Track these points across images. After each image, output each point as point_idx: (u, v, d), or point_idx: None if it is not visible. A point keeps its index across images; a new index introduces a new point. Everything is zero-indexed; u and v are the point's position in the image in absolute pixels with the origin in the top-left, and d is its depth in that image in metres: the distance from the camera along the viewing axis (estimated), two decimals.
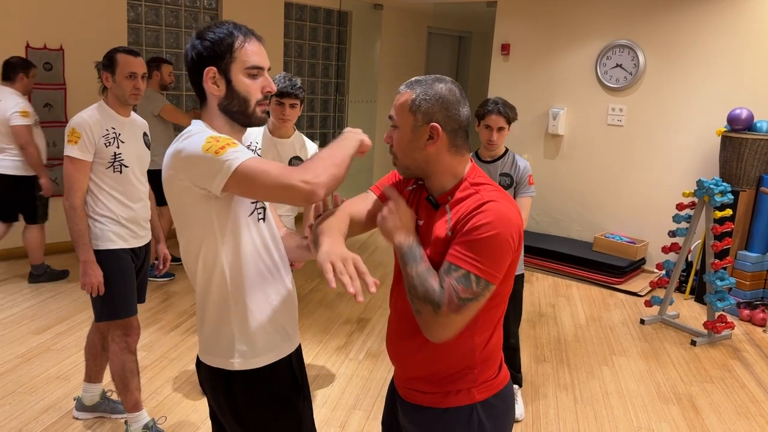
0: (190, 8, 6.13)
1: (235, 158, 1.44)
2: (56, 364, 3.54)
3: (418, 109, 1.49)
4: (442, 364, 1.54)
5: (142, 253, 2.86)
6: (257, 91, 1.58)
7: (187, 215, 1.55)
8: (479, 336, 1.53)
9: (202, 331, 1.65)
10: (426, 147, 1.50)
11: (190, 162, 1.47)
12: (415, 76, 1.56)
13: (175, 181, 1.51)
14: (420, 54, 8.32)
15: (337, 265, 1.37)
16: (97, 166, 2.64)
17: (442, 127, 1.49)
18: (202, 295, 1.62)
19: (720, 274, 4.42)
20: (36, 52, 5.16)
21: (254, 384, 1.62)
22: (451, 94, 1.50)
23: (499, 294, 1.52)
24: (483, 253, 1.42)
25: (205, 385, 1.70)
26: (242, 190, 1.48)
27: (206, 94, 1.59)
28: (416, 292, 1.44)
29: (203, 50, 1.55)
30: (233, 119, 1.60)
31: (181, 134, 1.55)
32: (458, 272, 1.43)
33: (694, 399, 3.55)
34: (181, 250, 1.63)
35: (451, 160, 1.52)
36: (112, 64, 2.64)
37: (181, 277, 5.10)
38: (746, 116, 4.91)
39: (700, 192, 4.47)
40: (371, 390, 3.46)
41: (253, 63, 1.56)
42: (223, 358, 1.61)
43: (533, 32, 6.32)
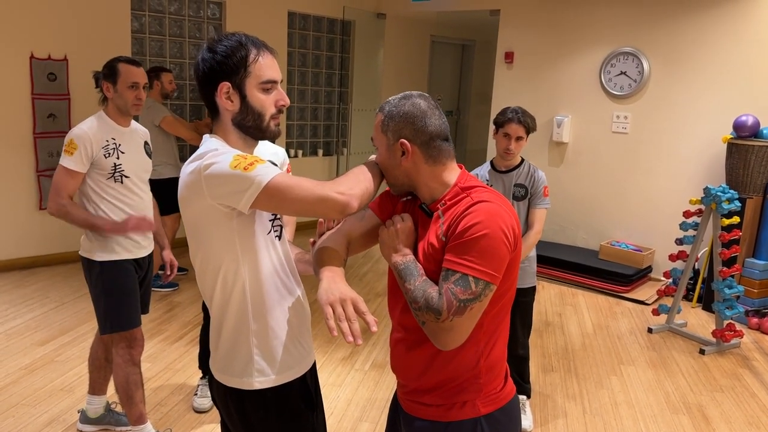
0: (194, 18, 6.14)
1: (265, 174, 1.43)
2: (60, 376, 3.51)
3: (387, 128, 1.54)
4: (447, 373, 1.52)
5: (145, 263, 2.83)
6: (271, 105, 1.57)
7: (207, 234, 1.52)
8: (483, 342, 1.52)
9: (218, 350, 1.63)
10: (402, 163, 1.53)
11: (217, 180, 1.44)
12: (389, 98, 1.59)
13: (197, 201, 1.48)
14: (423, 63, 8.33)
15: (336, 309, 1.39)
16: (97, 177, 2.62)
17: (410, 142, 1.51)
18: (219, 314, 1.59)
19: (728, 282, 4.39)
20: (40, 62, 5.17)
21: (270, 402, 1.60)
22: (415, 108, 1.52)
23: (502, 297, 1.51)
24: (477, 253, 1.41)
25: (219, 402, 1.68)
26: (274, 205, 1.46)
27: (219, 109, 1.57)
28: (417, 305, 1.45)
29: (216, 65, 1.52)
30: (247, 133, 1.58)
31: (202, 153, 1.50)
32: (455, 276, 1.42)
33: (704, 409, 3.51)
34: (197, 268, 1.60)
35: (432, 170, 1.54)
36: (114, 74, 2.62)
37: (185, 287, 5.08)
38: (752, 123, 4.89)
39: (706, 199, 4.44)
40: (377, 401, 3.42)
41: (267, 77, 1.55)
42: (240, 377, 1.59)
43: (537, 40, 6.32)
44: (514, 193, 3.15)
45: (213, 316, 1.62)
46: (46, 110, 5.26)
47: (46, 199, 5.27)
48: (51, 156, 5.33)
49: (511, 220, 1.46)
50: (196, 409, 3.23)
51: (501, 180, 3.17)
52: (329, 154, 7.61)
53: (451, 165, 1.57)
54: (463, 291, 1.40)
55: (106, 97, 2.67)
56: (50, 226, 5.41)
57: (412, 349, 1.56)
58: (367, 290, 5.27)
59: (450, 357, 1.51)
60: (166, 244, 3.02)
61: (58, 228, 5.44)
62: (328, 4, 7.12)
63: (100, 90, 2.67)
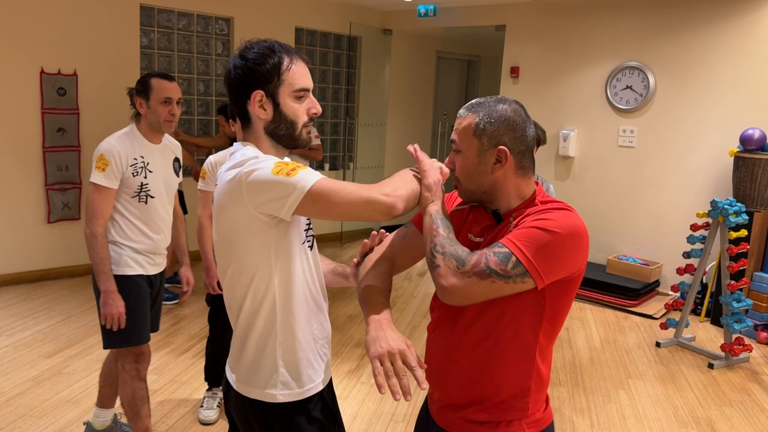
0: (202, 34, 6.20)
1: (308, 178, 1.41)
2: (67, 388, 3.51)
3: (483, 132, 1.43)
4: (497, 387, 1.46)
5: (157, 280, 2.82)
6: (303, 113, 1.55)
7: (243, 244, 1.49)
8: (536, 359, 1.45)
9: (241, 362, 1.59)
10: (494, 171, 1.45)
11: (259, 187, 1.41)
12: (475, 99, 1.50)
13: (236, 209, 1.45)
14: (429, 78, 8.37)
15: (385, 364, 1.32)
16: (122, 195, 2.59)
17: (510, 150, 1.43)
18: (246, 325, 1.56)
19: (736, 295, 4.36)
20: (50, 77, 5.23)
21: (293, 415, 1.57)
22: (517, 115, 1.45)
23: (556, 312, 1.44)
24: (534, 243, 1.34)
25: (237, 413, 1.63)
26: (319, 210, 1.43)
27: (251, 117, 1.54)
28: (443, 249, 1.39)
29: (249, 72, 1.49)
30: (279, 142, 1.57)
31: (242, 160, 1.47)
32: (501, 248, 1.35)
33: (714, 423, 3.47)
34: (225, 278, 1.57)
35: (518, 182, 1.47)
36: (146, 90, 2.58)
37: (191, 300, 5.08)
38: (759, 136, 4.89)
39: (714, 213, 4.43)
40: (383, 414, 3.40)
41: (300, 85, 1.53)
42: (264, 389, 1.56)
43: (542, 55, 6.35)
44: None
45: (239, 326, 1.58)
46: (55, 125, 5.31)
47: (54, 213, 5.35)
48: (60, 170, 5.37)
49: (587, 240, 1.39)
50: (202, 422, 3.22)
51: None
52: (335, 168, 7.64)
53: (532, 179, 1.51)
54: (497, 263, 1.34)
55: (139, 113, 2.63)
56: (58, 240, 5.45)
57: (463, 356, 1.48)
58: None
59: (503, 369, 1.45)
60: (186, 261, 3.00)
61: (65, 241, 5.47)
62: (335, 20, 7.19)
63: (133, 106, 2.63)
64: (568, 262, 1.37)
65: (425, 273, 6.28)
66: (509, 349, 1.44)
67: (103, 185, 2.53)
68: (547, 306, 1.42)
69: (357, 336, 4.51)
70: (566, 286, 1.43)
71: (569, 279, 1.41)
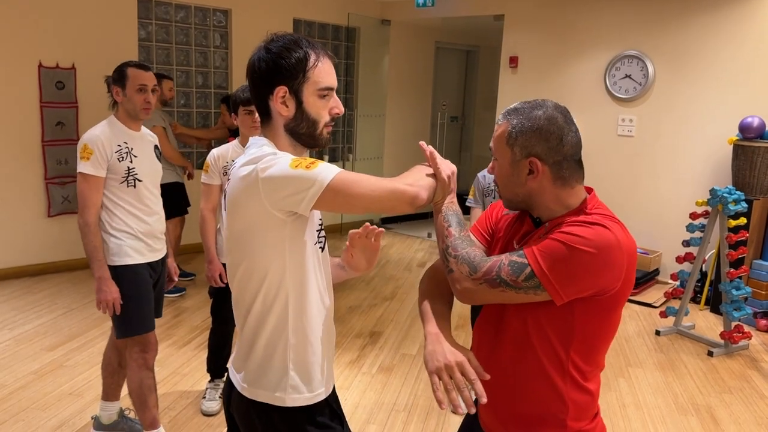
0: (200, 26, 6.18)
1: (328, 171, 1.38)
2: (69, 381, 3.53)
3: (515, 142, 1.39)
4: (531, 401, 1.43)
5: (158, 266, 2.84)
6: (326, 112, 1.51)
7: (256, 242, 1.45)
8: (575, 373, 1.41)
9: (248, 363, 1.54)
10: (527, 182, 1.40)
11: (277, 183, 1.37)
12: (515, 104, 1.45)
13: (251, 206, 1.41)
14: (428, 68, 8.35)
15: (444, 378, 1.31)
16: (110, 182, 2.63)
17: (542, 161, 1.37)
18: (256, 326, 1.52)
19: (736, 283, 4.37)
20: (48, 71, 5.22)
21: (301, 420, 1.53)
22: (552, 124, 1.36)
23: (591, 332, 1.38)
24: (553, 257, 1.30)
25: (241, 415, 1.59)
26: (340, 202, 1.40)
27: (271, 113, 1.50)
28: (456, 252, 1.40)
29: (275, 67, 1.44)
30: (298, 140, 1.52)
31: (257, 157, 1.42)
32: (518, 258, 1.34)
33: (713, 410, 3.49)
34: (236, 277, 1.53)
35: (558, 192, 1.40)
36: (123, 78, 2.64)
37: (192, 292, 5.10)
38: (758, 124, 4.88)
39: (713, 201, 4.43)
40: (385, 404, 3.42)
41: (326, 84, 1.48)
42: (272, 392, 1.52)
43: (541, 44, 6.34)
44: None
45: (247, 326, 1.54)
46: (54, 118, 5.31)
47: (54, 207, 5.35)
48: (59, 164, 5.37)
49: (621, 258, 1.31)
50: (204, 413, 3.24)
51: None
52: (335, 160, 7.64)
53: (579, 187, 1.42)
54: (509, 273, 1.32)
55: (116, 102, 2.69)
56: (58, 234, 5.46)
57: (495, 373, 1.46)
58: (373, 295, 5.28)
59: (536, 385, 1.42)
60: (170, 252, 3.03)
61: (66, 235, 5.48)
62: (333, 11, 7.16)
63: (111, 95, 2.69)
64: (590, 280, 1.30)
65: (425, 264, 6.29)
66: (538, 367, 1.41)
67: (90, 174, 2.57)
68: (576, 324, 1.37)
69: (357, 327, 4.53)
70: (599, 306, 1.35)
71: (601, 298, 1.35)
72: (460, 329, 4.57)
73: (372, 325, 4.58)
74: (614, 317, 1.40)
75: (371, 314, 4.82)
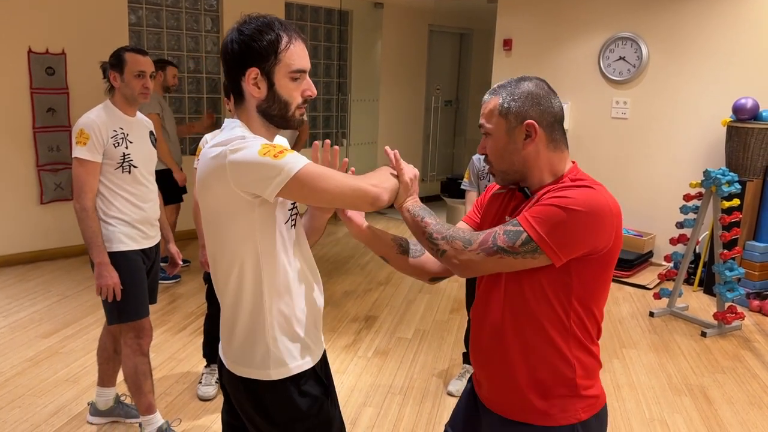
0: (191, 10, 6.12)
1: (295, 162, 1.41)
2: (65, 367, 3.53)
3: (508, 111, 1.46)
4: (539, 365, 1.47)
5: (152, 253, 2.83)
6: (298, 94, 1.52)
7: (226, 223, 1.49)
8: (579, 333, 1.46)
9: (232, 342, 1.59)
10: (524, 147, 1.46)
11: (244, 167, 1.40)
12: (497, 83, 1.53)
13: (218, 187, 1.44)
14: (422, 52, 8.31)
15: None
16: (106, 168, 2.61)
17: (538, 123, 1.45)
18: (233, 306, 1.56)
19: (729, 264, 4.40)
20: (38, 56, 5.17)
21: (287, 392, 1.58)
22: (539, 88, 1.47)
23: (588, 291, 1.44)
24: (547, 220, 1.36)
25: (233, 393, 1.65)
26: (304, 194, 1.43)
27: (244, 94, 1.51)
28: (441, 235, 1.47)
29: (246, 48, 1.46)
30: (270, 122, 1.54)
31: (227, 139, 1.44)
32: (513, 226, 1.39)
33: (707, 390, 3.52)
34: (210, 258, 1.58)
35: (550, 156, 1.48)
36: (120, 63, 2.61)
37: (187, 278, 5.09)
38: (752, 106, 4.88)
39: (707, 182, 4.44)
40: (381, 387, 3.44)
41: (297, 66, 1.49)
42: (257, 368, 1.56)
43: (535, 27, 6.30)
44: None
45: (226, 306, 1.59)
46: (45, 105, 5.27)
47: (47, 194, 5.32)
48: (51, 150, 5.34)
49: (611, 216, 1.38)
50: (200, 397, 3.25)
51: None
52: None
53: (566, 154, 1.51)
54: (505, 240, 1.37)
55: (113, 87, 2.66)
56: (52, 221, 5.43)
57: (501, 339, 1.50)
58: (368, 279, 5.29)
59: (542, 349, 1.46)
60: (170, 237, 3.02)
61: (59, 222, 5.46)
62: None
63: (107, 80, 2.66)
64: (586, 238, 1.37)
65: None
66: (543, 329, 1.45)
67: (86, 159, 2.55)
68: (574, 283, 1.43)
69: (353, 311, 4.54)
70: (593, 264, 1.42)
71: (595, 257, 1.41)
72: (455, 313, 4.58)
73: (367, 310, 4.59)
74: (608, 273, 1.47)
75: (366, 299, 4.83)
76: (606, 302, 1.53)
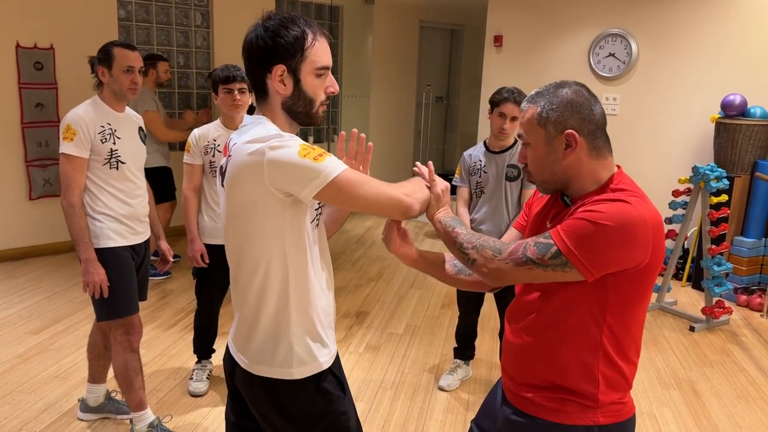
0: (181, 5, 6.09)
1: (334, 167, 1.41)
2: (55, 363, 3.51)
3: (547, 120, 1.43)
4: (562, 372, 1.45)
5: (141, 249, 2.82)
6: (322, 91, 1.53)
7: (256, 220, 1.47)
8: (609, 347, 1.43)
9: (252, 342, 1.57)
10: (565, 157, 1.43)
11: (283, 167, 1.39)
12: (534, 90, 1.50)
13: (252, 184, 1.43)
14: (412, 48, 8.31)
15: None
16: (93, 163, 2.59)
17: (578, 132, 1.41)
18: (257, 304, 1.54)
19: (717, 259, 4.43)
20: (26, 51, 5.12)
21: (308, 390, 1.58)
22: (579, 96, 1.43)
23: (626, 306, 1.40)
24: (578, 235, 1.33)
25: (248, 392, 1.61)
26: (341, 198, 1.45)
27: (268, 91, 1.50)
28: (471, 244, 1.47)
29: (273, 46, 1.45)
30: (295, 118, 1.54)
31: (264, 136, 1.42)
32: (545, 239, 1.37)
33: (695, 384, 3.56)
34: (233, 255, 1.56)
35: (593, 165, 1.44)
36: (109, 59, 2.59)
37: (177, 274, 5.08)
38: (739, 102, 4.92)
39: (695, 178, 4.48)
40: (372, 382, 3.45)
41: (323, 63, 1.50)
42: (278, 367, 1.55)
43: (526, 23, 6.32)
44: (507, 173, 3.16)
45: (248, 305, 1.56)
46: (33, 100, 5.23)
47: (36, 190, 5.29)
48: (40, 146, 5.30)
49: (646, 232, 1.33)
50: (191, 393, 3.25)
51: (494, 160, 3.19)
52: (320, 141, 7.60)
53: (610, 160, 1.47)
54: (534, 252, 1.37)
55: (101, 82, 2.64)
56: (40, 217, 5.40)
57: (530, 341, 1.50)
58: (360, 275, 5.29)
59: (568, 357, 1.44)
60: (161, 234, 3.00)
61: (48, 218, 5.42)
62: None
63: (96, 75, 2.64)
64: (616, 254, 1.33)
65: None
66: (571, 338, 1.43)
67: (73, 155, 2.53)
68: (610, 298, 1.39)
69: (344, 307, 4.55)
70: (630, 279, 1.38)
71: (632, 272, 1.37)
72: (446, 308, 4.60)
73: (358, 305, 4.59)
74: (647, 288, 1.43)
75: (358, 294, 4.83)
76: (645, 318, 1.49)
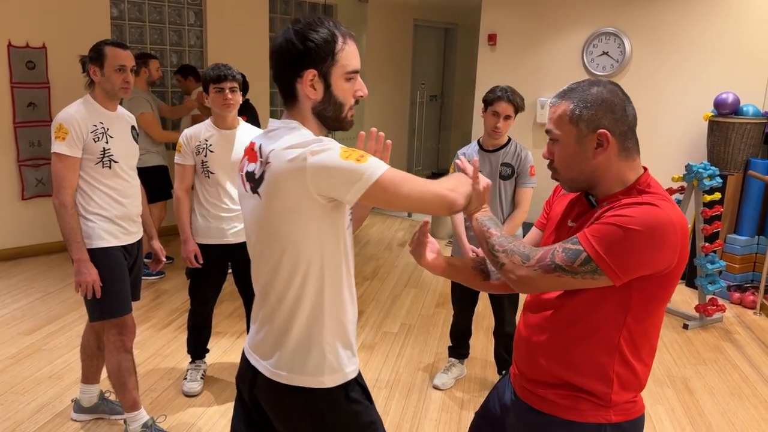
0: (174, 4, 6.07)
1: (377, 167, 1.39)
2: (48, 364, 3.50)
3: (580, 118, 1.40)
4: (576, 371, 1.45)
5: (134, 249, 2.81)
6: (351, 95, 1.52)
7: (296, 226, 1.44)
8: (626, 350, 1.43)
9: (282, 350, 1.53)
10: (595, 156, 1.41)
11: (327, 171, 1.37)
12: (567, 84, 1.47)
13: (293, 190, 1.39)
14: (406, 47, 8.31)
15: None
16: (86, 163, 2.58)
17: (611, 132, 1.39)
18: (290, 312, 1.51)
19: (710, 257, 4.45)
20: (18, 50, 5.10)
21: (339, 399, 1.56)
22: (614, 95, 1.40)
23: (648, 311, 1.40)
24: (608, 240, 1.31)
25: (276, 402, 1.57)
26: (386, 198, 1.41)
27: (298, 95, 1.48)
28: (502, 248, 1.44)
29: (305, 50, 1.42)
30: (324, 123, 1.52)
31: (303, 141, 1.40)
32: (573, 245, 1.35)
33: (688, 381, 3.57)
34: (266, 263, 1.52)
35: (621, 166, 1.43)
36: (101, 58, 2.57)
37: (171, 275, 5.06)
38: (732, 100, 4.94)
39: (688, 176, 4.49)
40: (367, 381, 3.40)
41: (353, 67, 1.49)
42: (311, 376, 1.52)
43: (520, 21, 6.32)
44: (501, 172, 3.17)
45: (280, 313, 1.53)
46: (25, 99, 5.20)
47: (29, 190, 5.26)
48: (32, 146, 5.27)
49: (674, 236, 1.32)
50: (185, 393, 3.24)
51: (488, 159, 3.19)
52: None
53: (637, 162, 1.46)
54: (563, 259, 1.34)
55: (93, 82, 2.62)
56: (33, 217, 5.37)
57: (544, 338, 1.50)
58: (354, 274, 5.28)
59: (583, 357, 1.44)
60: (154, 234, 2.99)
61: (41, 218, 5.40)
62: None
63: (87, 74, 2.62)
64: (645, 259, 1.32)
65: (405, 243, 6.31)
66: (588, 338, 1.43)
67: (66, 154, 2.51)
68: (633, 301, 1.39)
69: None
70: (655, 283, 1.38)
71: (659, 276, 1.36)
72: (441, 307, 4.60)
73: None
74: (669, 292, 1.43)
75: None
76: (662, 321, 1.48)
